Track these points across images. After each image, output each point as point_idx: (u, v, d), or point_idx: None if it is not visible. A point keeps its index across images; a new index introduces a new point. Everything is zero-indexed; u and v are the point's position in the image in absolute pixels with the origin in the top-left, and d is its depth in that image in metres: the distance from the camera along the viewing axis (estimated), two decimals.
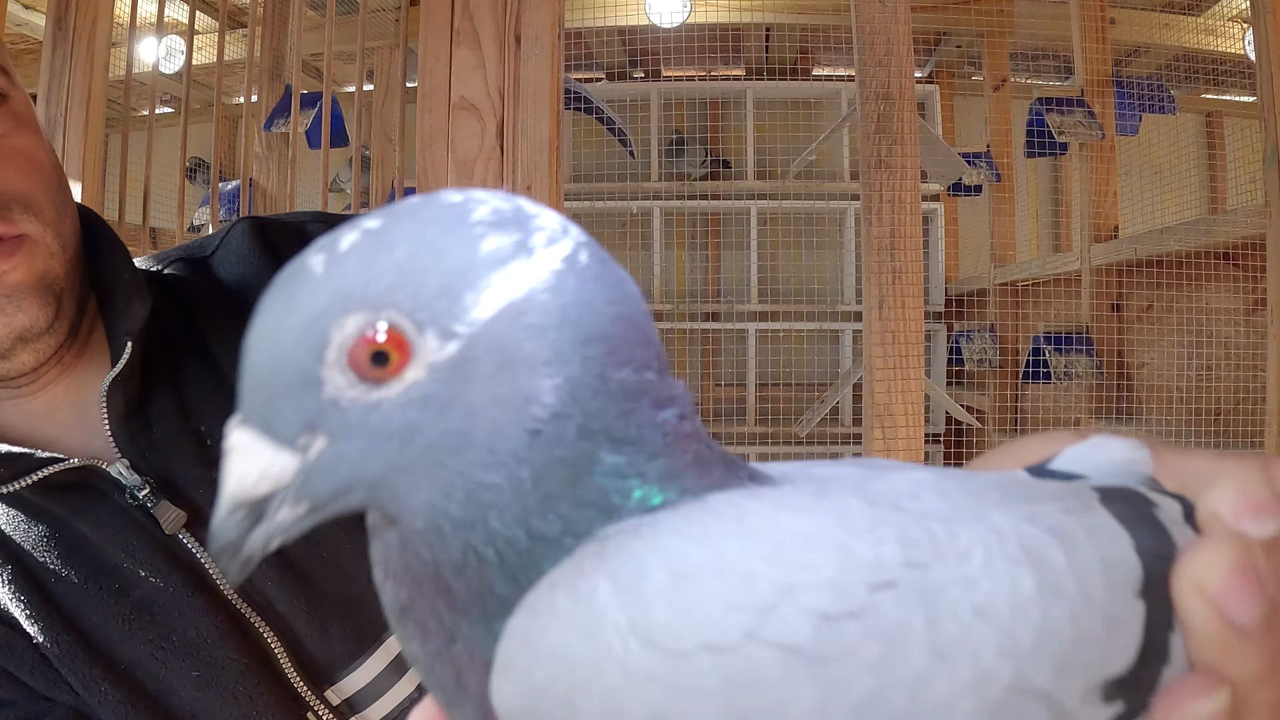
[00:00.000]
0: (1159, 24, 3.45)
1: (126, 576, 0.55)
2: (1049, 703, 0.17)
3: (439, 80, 1.67)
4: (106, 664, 0.54)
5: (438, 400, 0.18)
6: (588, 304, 0.19)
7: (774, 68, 4.31)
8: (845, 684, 0.16)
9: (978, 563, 0.17)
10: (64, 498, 0.56)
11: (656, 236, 4.16)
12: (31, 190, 0.54)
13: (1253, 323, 2.21)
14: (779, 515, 0.17)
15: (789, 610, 0.16)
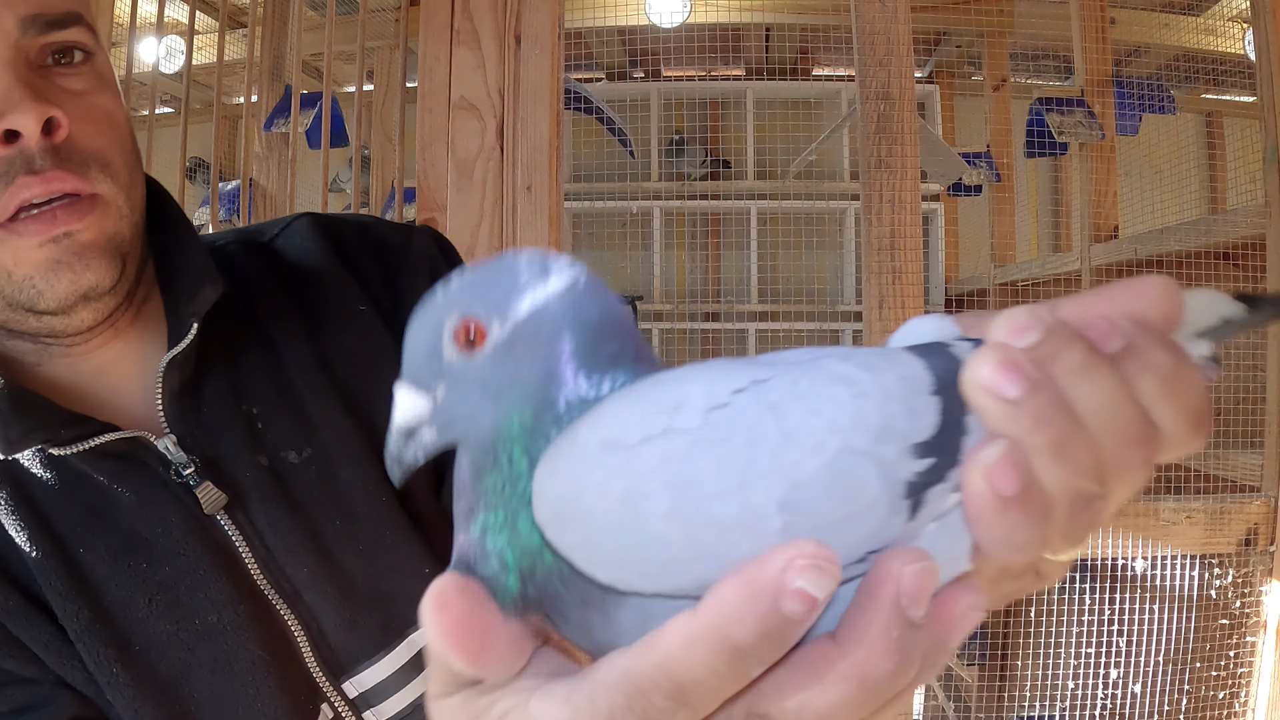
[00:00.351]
0: (1159, 24, 3.45)
1: (157, 553, 0.56)
2: (874, 459, 0.27)
3: (439, 80, 1.67)
4: (122, 643, 0.54)
5: (500, 362, 0.31)
6: (583, 307, 0.32)
7: (774, 68, 4.30)
8: (729, 452, 0.27)
9: (805, 383, 0.29)
10: (106, 465, 0.56)
11: (656, 236, 4.16)
12: (109, 151, 0.55)
13: None
14: (683, 373, 0.30)
15: (686, 409, 0.28)
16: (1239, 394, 2.25)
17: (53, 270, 0.53)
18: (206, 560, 0.56)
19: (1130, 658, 2.03)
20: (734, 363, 0.30)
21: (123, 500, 0.56)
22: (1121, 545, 1.71)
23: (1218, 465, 2.07)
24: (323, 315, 0.65)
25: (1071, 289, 2.97)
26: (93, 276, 0.54)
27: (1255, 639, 1.80)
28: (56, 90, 0.53)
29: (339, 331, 0.65)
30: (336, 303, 0.66)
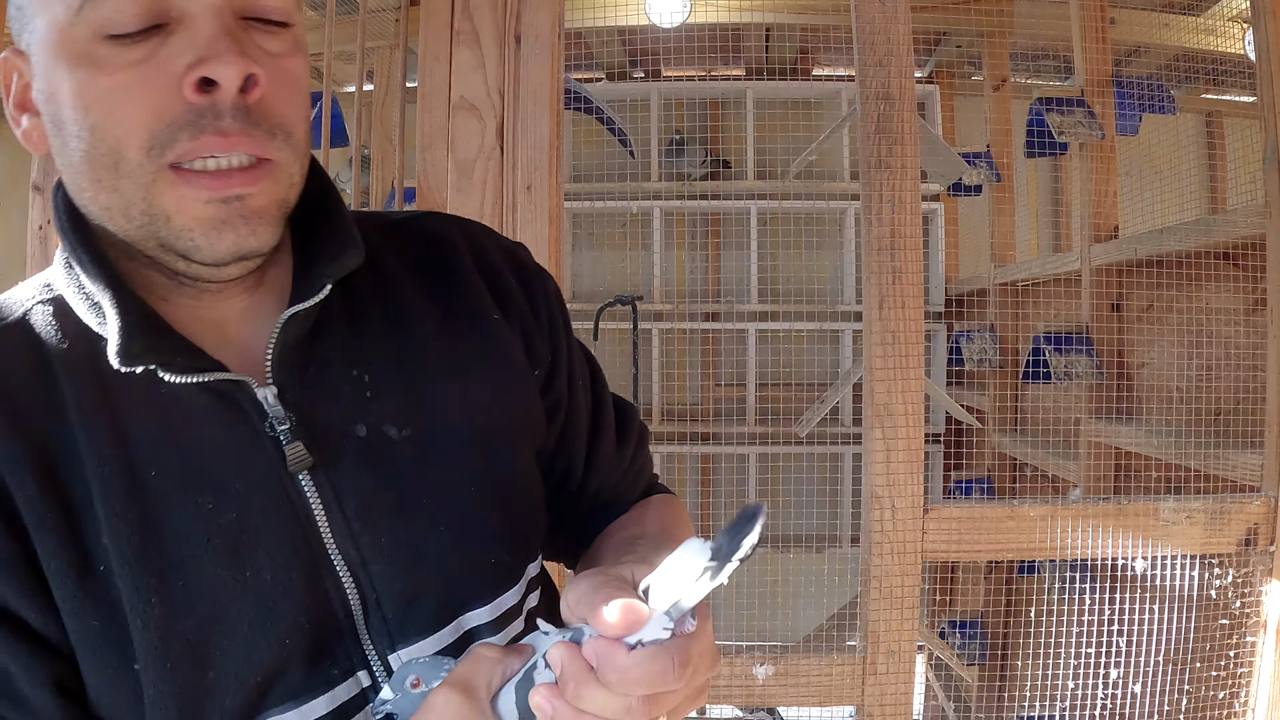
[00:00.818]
0: (1159, 24, 3.45)
1: (229, 499, 0.55)
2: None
3: (439, 80, 1.67)
4: (164, 575, 0.53)
5: None
6: None
7: (774, 68, 4.30)
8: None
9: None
10: (203, 401, 0.56)
11: (656, 236, 4.16)
12: (294, 119, 0.55)
13: (1253, 323, 2.21)
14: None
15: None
16: (1239, 394, 2.25)
17: (216, 229, 0.53)
18: (276, 516, 0.56)
19: (1130, 658, 2.03)
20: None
21: (209, 439, 0.55)
22: (1121, 545, 1.71)
23: (1218, 465, 2.07)
24: (455, 310, 0.66)
25: (1071, 289, 2.97)
26: (256, 241, 0.54)
27: (1255, 639, 1.80)
28: (256, 48, 0.53)
29: (468, 329, 0.66)
30: (468, 301, 0.67)
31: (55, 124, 0.53)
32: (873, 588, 1.68)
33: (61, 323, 0.55)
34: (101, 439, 0.53)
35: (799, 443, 3.95)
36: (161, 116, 0.51)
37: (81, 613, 0.51)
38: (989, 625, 3.49)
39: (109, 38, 0.50)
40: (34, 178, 2.06)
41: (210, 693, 0.54)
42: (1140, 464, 2.63)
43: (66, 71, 0.51)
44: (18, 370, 0.54)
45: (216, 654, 0.54)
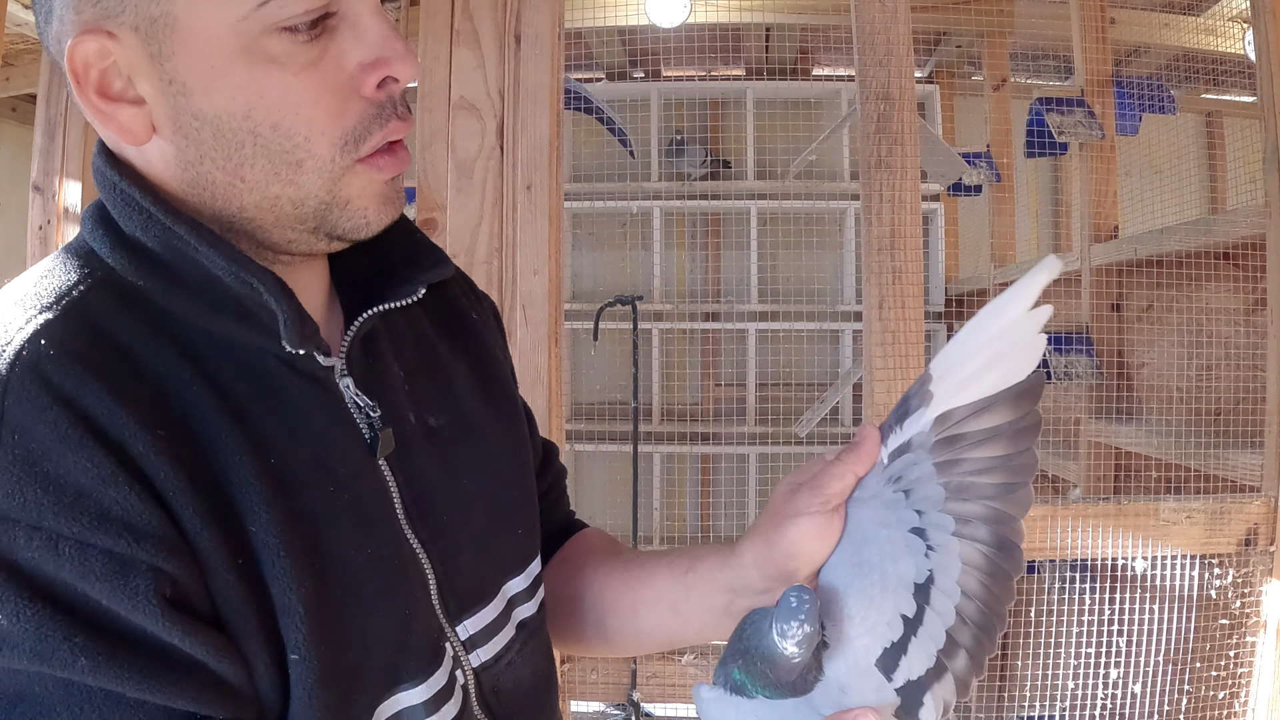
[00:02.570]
0: (1159, 24, 3.45)
1: (341, 482, 0.56)
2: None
3: (439, 80, 1.67)
4: (310, 558, 0.53)
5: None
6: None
7: (774, 68, 4.30)
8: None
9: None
10: (303, 384, 0.56)
11: (656, 236, 4.16)
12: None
13: (1253, 323, 2.21)
14: None
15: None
16: (1239, 394, 2.25)
17: (385, 204, 0.57)
18: (374, 500, 0.58)
19: (1130, 658, 2.03)
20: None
21: (314, 422, 0.56)
22: (1121, 545, 1.71)
23: (1218, 465, 2.07)
24: (470, 346, 0.72)
25: (1071, 289, 2.97)
26: (395, 212, 0.58)
27: (1255, 639, 1.80)
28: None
29: (479, 350, 0.73)
30: (463, 317, 0.74)
31: (199, 118, 0.52)
32: None
33: (145, 307, 0.53)
34: (227, 426, 0.52)
35: (799, 443, 3.95)
36: (350, 114, 0.53)
37: (238, 604, 0.50)
38: None
39: (282, 31, 0.50)
40: (34, 178, 2.06)
41: (359, 673, 0.55)
42: (1140, 464, 2.63)
43: (235, 66, 0.50)
44: (143, 347, 0.52)
45: (358, 634, 0.55)
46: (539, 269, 1.64)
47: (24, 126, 4.14)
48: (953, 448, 0.57)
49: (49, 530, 0.45)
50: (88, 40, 0.50)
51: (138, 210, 0.54)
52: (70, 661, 0.45)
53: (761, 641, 0.53)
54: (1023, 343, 0.56)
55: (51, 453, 0.46)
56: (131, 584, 0.46)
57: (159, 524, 0.47)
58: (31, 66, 3.48)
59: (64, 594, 0.45)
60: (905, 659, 0.57)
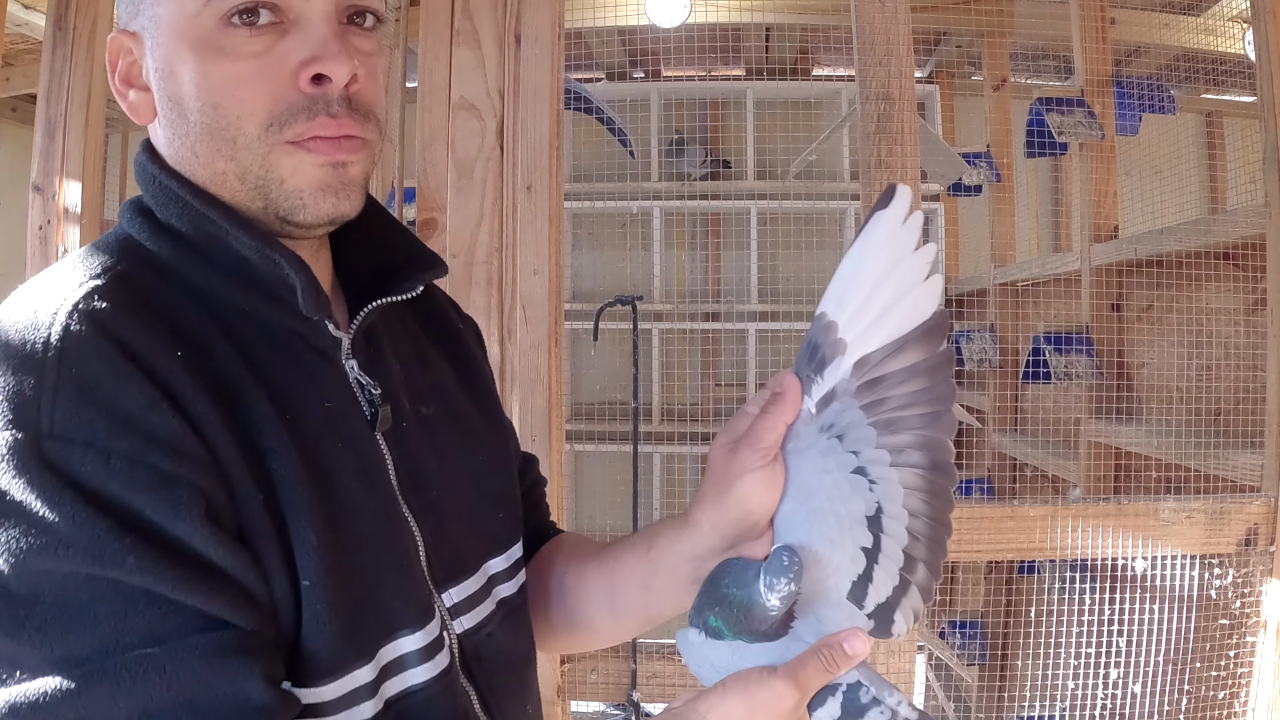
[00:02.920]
0: (1159, 24, 3.45)
1: (347, 444, 0.63)
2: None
3: (439, 80, 1.67)
4: (324, 498, 0.59)
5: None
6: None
7: (774, 68, 4.30)
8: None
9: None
10: (314, 357, 0.64)
11: (656, 236, 4.16)
12: (378, 107, 0.64)
13: (1253, 323, 2.21)
14: None
15: None
16: (1239, 394, 2.25)
17: (321, 192, 0.62)
18: (374, 466, 0.65)
19: (1130, 658, 2.03)
20: None
21: (323, 390, 0.64)
22: (1121, 545, 1.71)
23: (1218, 465, 2.07)
24: (456, 351, 0.80)
25: (1071, 289, 2.97)
26: (348, 206, 0.63)
27: (1255, 639, 1.80)
28: (353, 48, 0.62)
29: (465, 356, 0.81)
30: (449, 323, 0.82)
31: (173, 99, 0.61)
32: None
33: (180, 282, 0.61)
34: (251, 381, 0.59)
35: None
36: (279, 101, 0.59)
37: (260, 529, 0.56)
38: (989, 625, 3.49)
39: (232, 22, 0.59)
40: (34, 178, 2.06)
41: (362, 609, 0.60)
42: (1140, 464, 2.63)
43: (191, 54, 0.59)
44: (179, 310, 0.59)
45: (362, 574, 0.60)
46: (539, 269, 1.64)
47: (24, 126, 4.14)
48: (875, 389, 0.63)
49: (102, 448, 0.51)
50: (120, 38, 0.64)
51: (174, 199, 0.62)
52: (120, 560, 0.50)
53: (743, 592, 0.59)
54: (917, 282, 0.62)
55: (105, 384, 0.53)
56: (174, 496, 0.52)
57: (197, 448, 0.54)
58: (31, 66, 3.48)
59: (115, 503, 0.51)
60: (872, 586, 0.64)
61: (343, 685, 0.59)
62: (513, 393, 1.64)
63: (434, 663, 0.64)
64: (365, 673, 0.60)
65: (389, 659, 0.62)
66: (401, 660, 0.63)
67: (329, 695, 0.58)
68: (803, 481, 0.65)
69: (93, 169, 2.06)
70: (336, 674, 0.58)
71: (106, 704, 0.49)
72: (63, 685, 0.49)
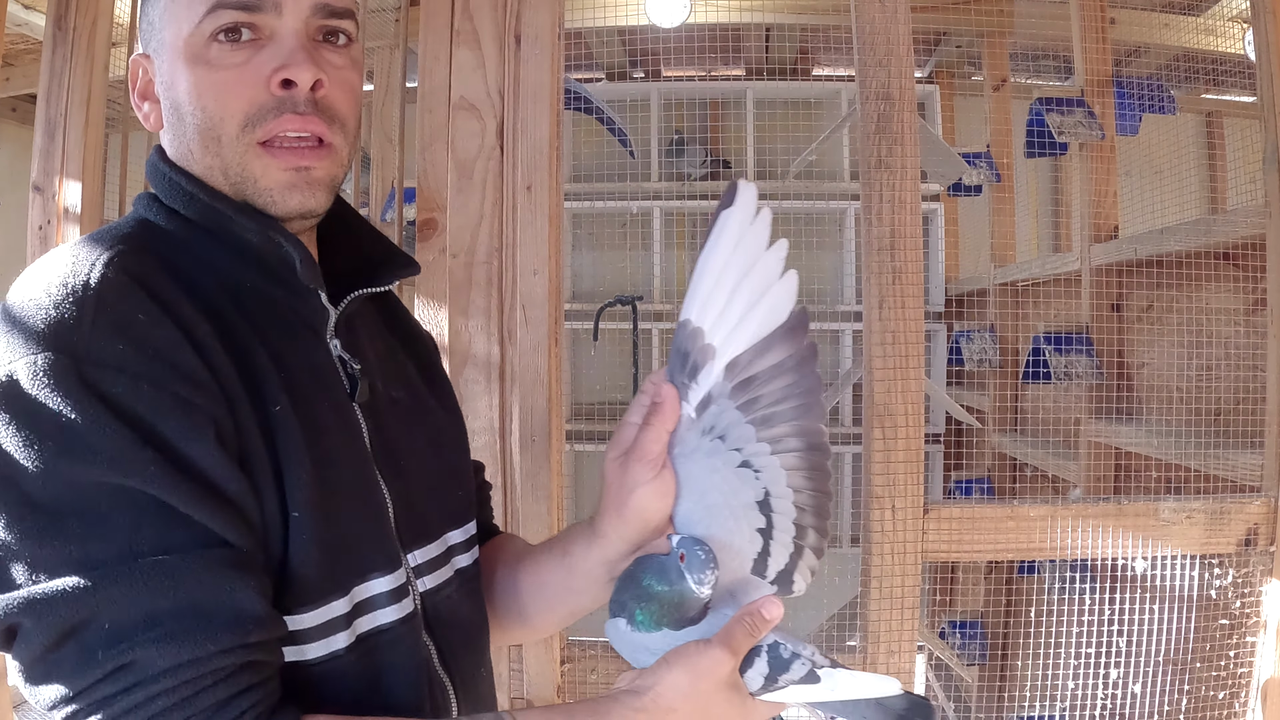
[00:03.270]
0: (1159, 24, 3.45)
1: (332, 408, 0.72)
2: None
3: (439, 80, 1.67)
4: (314, 443, 0.68)
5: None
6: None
7: (774, 68, 4.30)
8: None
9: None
10: (306, 333, 0.74)
11: (656, 236, 4.15)
12: (348, 115, 0.74)
13: (1253, 323, 2.21)
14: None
15: None
16: (1239, 394, 2.25)
17: (287, 190, 0.71)
18: (355, 431, 0.74)
19: (1130, 658, 2.03)
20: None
21: (312, 359, 0.73)
22: (1121, 545, 1.71)
23: (1218, 465, 2.07)
24: (419, 351, 0.90)
25: (1071, 289, 2.97)
26: (314, 203, 0.72)
27: (1255, 639, 1.80)
28: (323, 60, 0.72)
29: (428, 358, 0.91)
30: (410, 324, 0.92)
31: (174, 107, 0.72)
32: (873, 588, 1.68)
33: (193, 255, 0.71)
34: (254, 339, 0.68)
35: None
36: (254, 103, 0.70)
37: (258, 463, 0.64)
38: (989, 625, 3.49)
39: (218, 40, 0.69)
40: (34, 178, 2.06)
41: (343, 546, 0.68)
42: (1140, 464, 2.63)
43: (186, 68, 0.70)
44: (193, 275, 0.68)
45: (344, 518, 0.69)
46: (539, 269, 1.64)
47: (24, 126, 4.14)
48: (748, 389, 0.69)
49: (133, 373, 0.59)
50: (138, 59, 0.76)
51: (181, 191, 0.72)
52: (141, 469, 0.57)
53: (672, 589, 0.67)
54: (773, 279, 0.67)
55: (137, 321, 0.61)
56: (192, 420, 0.60)
57: (212, 384, 0.62)
58: (31, 66, 3.48)
59: (141, 421, 0.58)
60: (771, 559, 0.72)
61: (321, 615, 0.66)
62: (513, 393, 1.64)
63: (400, 605, 0.72)
64: (341, 605, 0.68)
65: (362, 597, 0.70)
66: (373, 600, 0.71)
67: (309, 623, 0.66)
68: (695, 482, 0.71)
69: (93, 169, 2.06)
70: (316, 603, 0.66)
71: (118, 603, 0.55)
72: (79, 584, 0.55)
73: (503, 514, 1.65)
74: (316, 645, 0.66)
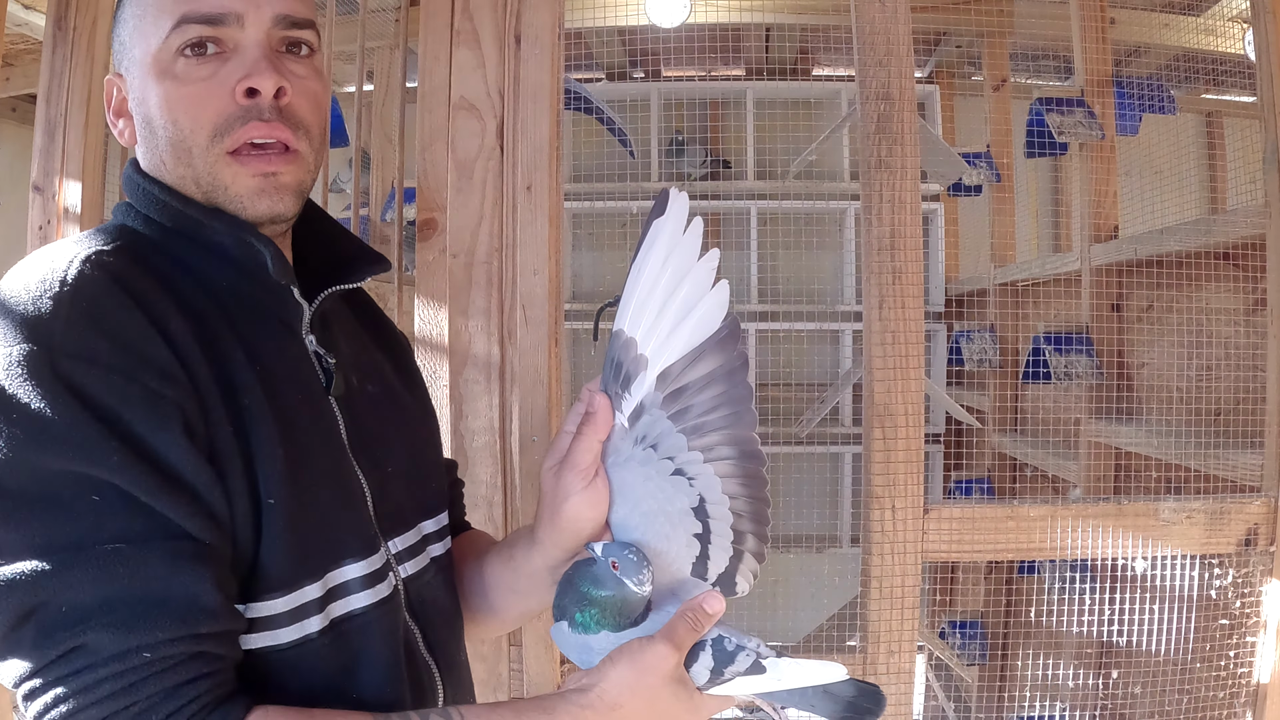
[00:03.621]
0: (1159, 24, 3.45)
1: (306, 401, 0.74)
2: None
3: (439, 80, 1.67)
4: (287, 435, 0.70)
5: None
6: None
7: (774, 68, 4.30)
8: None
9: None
10: (279, 326, 0.76)
11: None
12: (312, 123, 0.76)
13: (1253, 323, 2.21)
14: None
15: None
16: (1239, 394, 2.25)
17: (256, 196, 0.74)
18: (329, 424, 0.76)
19: (1130, 658, 2.03)
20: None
21: (287, 354, 0.75)
22: (1121, 545, 1.71)
23: (1218, 465, 2.07)
24: (392, 347, 0.93)
25: (1071, 289, 2.97)
26: (283, 208, 0.75)
27: (1255, 639, 1.80)
28: (287, 70, 0.74)
29: (401, 353, 0.94)
30: (379, 317, 0.94)
31: (146, 121, 0.75)
32: (873, 588, 1.68)
33: (171, 257, 0.73)
34: (229, 334, 0.70)
35: (799, 443, 3.95)
36: (221, 114, 0.72)
37: (229, 454, 0.66)
38: (989, 625, 3.49)
39: (185, 54, 0.72)
40: (34, 178, 2.06)
41: (315, 532, 0.70)
42: (1140, 464, 2.63)
43: (156, 83, 0.73)
44: (170, 275, 0.71)
45: (319, 506, 0.71)
46: (539, 269, 1.64)
47: (24, 126, 4.14)
48: (680, 399, 0.70)
49: (104, 365, 0.61)
50: (112, 79, 0.79)
51: (155, 200, 0.75)
52: (104, 458, 0.58)
53: (613, 593, 0.68)
54: (705, 289, 0.68)
55: (110, 315, 0.63)
56: (159, 411, 0.61)
57: (182, 376, 0.64)
58: (31, 66, 3.48)
59: (109, 413, 0.60)
60: (710, 563, 0.74)
61: (293, 600, 0.68)
62: (513, 393, 1.64)
63: (374, 591, 0.75)
64: (314, 589, 0.70)
65: (335, 582, 0.72)
66: (346, 585, 0.73)
67: (281, 608, 0.68)
68: (629, 490, 0.72)
69: (93, 169, 2.06)
70: (289, 588, 0.68)
71: (75, 588, 0.57)
72: (39, 568, 0.57)
73: (503, 514, 1.65)
74: (289, 629, 0.68)
